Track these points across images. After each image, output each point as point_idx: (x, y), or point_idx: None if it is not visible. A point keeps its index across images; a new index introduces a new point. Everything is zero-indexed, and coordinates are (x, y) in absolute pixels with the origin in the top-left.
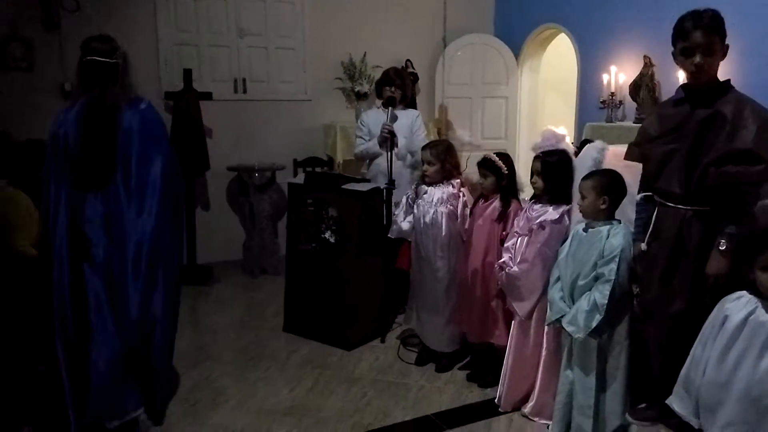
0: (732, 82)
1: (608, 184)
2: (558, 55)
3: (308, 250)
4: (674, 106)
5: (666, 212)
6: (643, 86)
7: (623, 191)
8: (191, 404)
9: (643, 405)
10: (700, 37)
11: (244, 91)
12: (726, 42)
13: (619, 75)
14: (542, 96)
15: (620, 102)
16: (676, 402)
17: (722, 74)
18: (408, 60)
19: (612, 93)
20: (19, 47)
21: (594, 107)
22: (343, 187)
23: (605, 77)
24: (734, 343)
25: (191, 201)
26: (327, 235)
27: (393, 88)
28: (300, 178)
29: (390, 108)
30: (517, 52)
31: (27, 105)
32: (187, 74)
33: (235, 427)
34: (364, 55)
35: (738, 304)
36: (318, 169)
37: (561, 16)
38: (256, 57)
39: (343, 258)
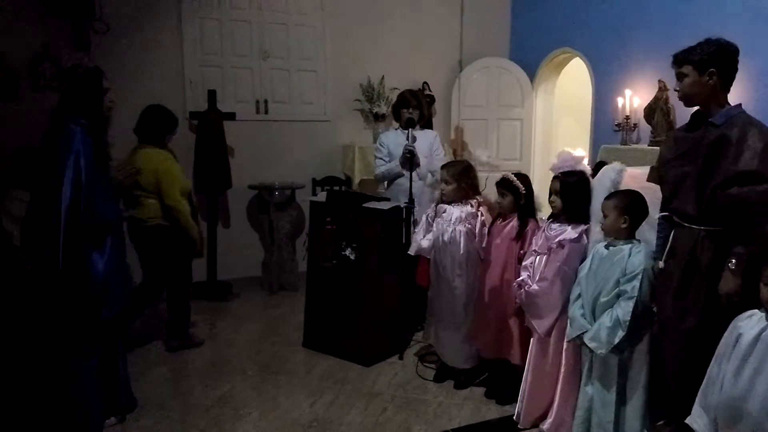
0: (745, 107)
1: (630, 204)
2: (572, 79)
3: (329, 267)
4: (687, 131)
5: (681, 232)
6: (657, 110)
7: (645, 212)
8: (214, 417)
9: (662, 422)
10: (675, 68)
11: (266, 112)
12: (711, 70)
13: (634, 98)
14: (557, 118)
15: (635, 125)
16: (695, 421)
17: (736, 99)
18: (425, 82)
19: (627, 116)
20: (50, 68)
21: (608, 130)
22: (364, 205)
23: (620, 100)
24: (748, 359)
25: (213, 218)
26: (347, 252)
27: (411, 110)
28: (322, 197)
29: (410, 129)
30: (532, 75)
31: None
32: (212, 95)
33: None
34: (382, 78)
35: (750, 322)
36: (336, 188)
37: (576, 40)
38: (278, 78)
39: (363, 275)
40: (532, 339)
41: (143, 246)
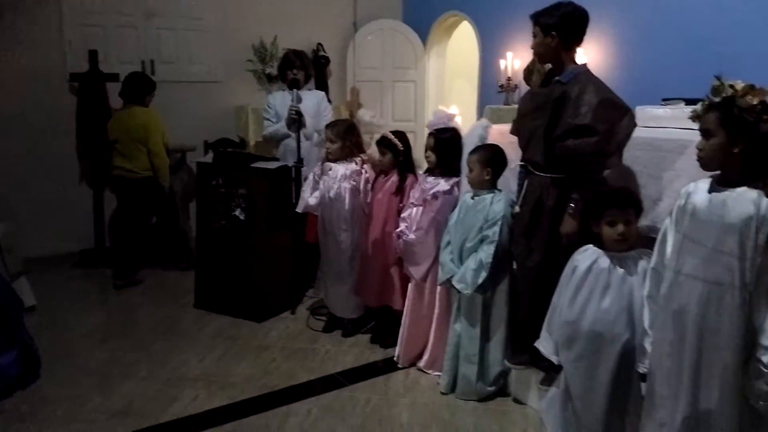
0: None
1: (491, 157)
2: (463, 42)
3: (218, 228)
4: (542, 87)
5: (532, 179)
6: (534, 71)
7: (504, 163)
8: (102, 376)
9: (521, 354)
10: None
11: (152, 73)
12: (552, 33)
13: (515, 61)
14: (449, 80)
15: (516, 86)
16: (541, 344)
17: (600, 60)
18: (319, 43)
19: (509, 78)
20: None
21: (494, 91)
22: (252, 165)
23: (503, 63)
24: (582, 287)
25: (99, 182)
26: (237, 212)
27: (295, 71)
28: (209, 158)
29: (295, 90)
30: (424, 37)
31: None
32: (93, 55)
33: (146, 394)
34: (275, 38)
35: (585, 256)
36: (229, 149)
37: (463, 3)
38: (165, 38)
39: (253, 234)
40: (409, 285)
41: (133, 195)
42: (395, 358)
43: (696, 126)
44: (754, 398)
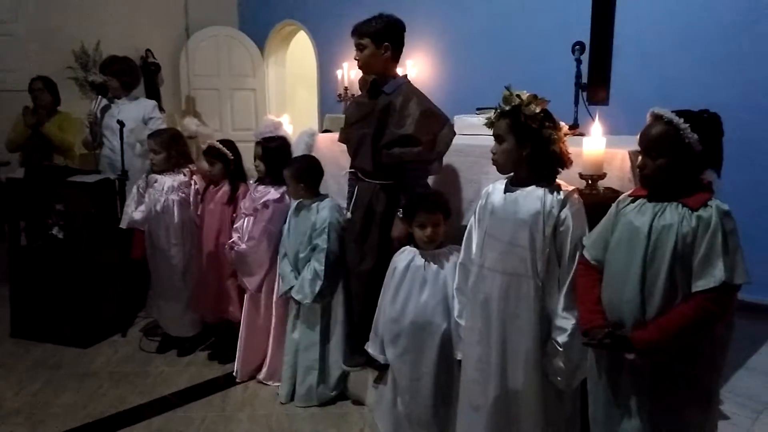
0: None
1: (301, 170)
2: (302, 51)
3: (33, 248)
4: (367, 97)
5: (362, 186)
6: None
7: (319, 172)
8: None
9: (356, 354)
10: (354, 38)
11: None
12: (385, 44)
13: (351, 71)
14: (291, 89)
15: (353, 95)
16: (370, 345)
17: (424, 72)
18: (148, 50)
19: (346, 87)
20: None
21: (333, 100)
22: (69, 179)
23: (339, 73)
24: (401, 285)
25: None
26: (54, 231)
27: (106, 77)
28: (20, 173)
29: (100, 96)
30: (261, 46)
31: None
32: None
33: None
34: (98, 43)
35: (402, 256)
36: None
37: (299, 12)
38: None
39: (74, 254)
40: (245, 296)
41: None
42: (234, 373)
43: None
44: (553, 375)
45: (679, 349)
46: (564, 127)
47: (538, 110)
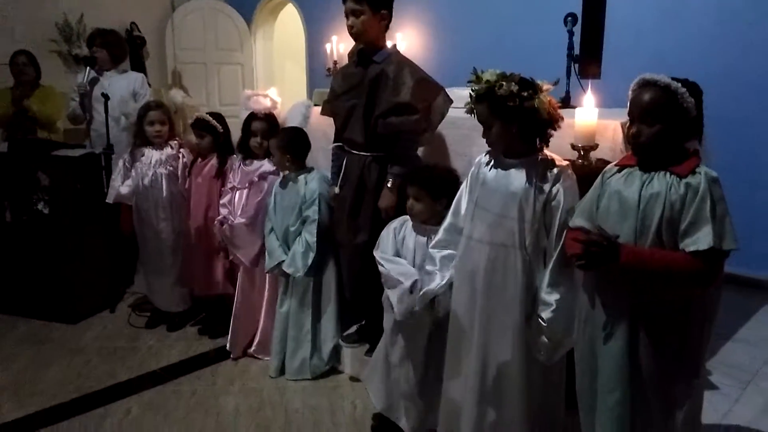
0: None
1: (288, 141)
2: (291, 24)
3: (18, 223)
4: (355, 67)
5: (352, 159)
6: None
7: (306, 144)
8: None
9: (351, 330)
10: (349, 4)
11: None
12: (383, 11)
13: (340, 44)
14: (279, 63)
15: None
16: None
17: (416, 44)
18: (133, 23)
19: (335, 61)
20: None
21: (321, 74)
22: (53, 153)
23: (328, 46)
24: (400, 251)
25: None
26: (40, 206)
27: (95, 48)
28: (4, 147)
29: (88, 68)
30: (249, 19)
31: None
32: None
33: None
34: (81, 16)
35: (396, 223)
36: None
37: None
38: None
39: (60, 229)
40: (240, 271)
41: None
42: (227, 347)
43: None
44: (536, 350)
45: (657, 293)
46: (544, 85)
47: (513, 88)
